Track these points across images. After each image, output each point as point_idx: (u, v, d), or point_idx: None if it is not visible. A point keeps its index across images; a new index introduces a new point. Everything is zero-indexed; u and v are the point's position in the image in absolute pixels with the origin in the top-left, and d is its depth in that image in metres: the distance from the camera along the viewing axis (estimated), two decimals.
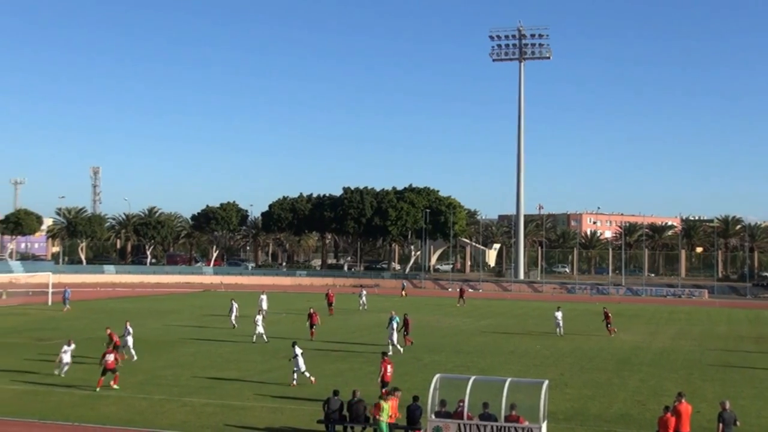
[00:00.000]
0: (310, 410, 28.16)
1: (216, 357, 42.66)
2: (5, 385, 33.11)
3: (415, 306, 76.62)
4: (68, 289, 72.70)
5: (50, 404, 29.45)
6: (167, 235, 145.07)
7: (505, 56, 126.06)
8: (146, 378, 35.38)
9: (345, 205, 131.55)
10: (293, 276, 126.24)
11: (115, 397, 30.89)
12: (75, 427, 26.05)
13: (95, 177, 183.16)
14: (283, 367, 39.27)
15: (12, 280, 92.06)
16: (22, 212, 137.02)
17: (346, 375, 36.95)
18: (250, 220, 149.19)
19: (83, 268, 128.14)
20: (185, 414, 28.23)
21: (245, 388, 33.41)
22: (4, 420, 26.76)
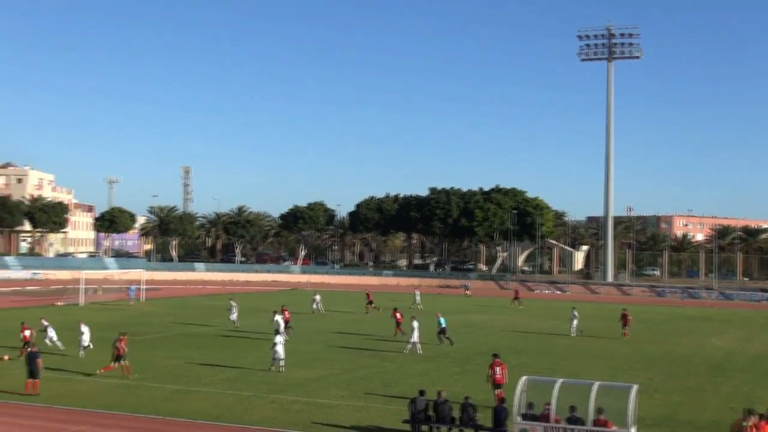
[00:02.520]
0: (395, 410, 28.25)
1: (303, 354, 43.05)
2: (99, 378, 33.95)
3: (489, 307, 76.24)
4: (133, 287, 74.63)
5: (142, 398, 30.13)
6: (256, 234, 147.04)
7: (594, 56, 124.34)
8: (235, 374, 35.92)
9: (431, 206, 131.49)
10: (380, 276, 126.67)
11: (205, 392, 31.45)
12: (166, 421, 26.58)
13: (186, 176, 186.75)
14: (370, 365, 39.52)
15: (107, 277, 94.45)
16: (116, 210, 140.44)
17: (432, 375, 36.95)
18: (338, 220, 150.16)
19: (174, 266, 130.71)
20: (273, 410, 28.58)
21: (332, 386, 33.67)
22: (98, 413, 27.48)
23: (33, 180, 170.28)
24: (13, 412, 27.35)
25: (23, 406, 28.23)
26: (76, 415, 27.12)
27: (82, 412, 27.46)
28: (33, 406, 28.22)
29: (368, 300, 71.60)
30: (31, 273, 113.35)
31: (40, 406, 28.20)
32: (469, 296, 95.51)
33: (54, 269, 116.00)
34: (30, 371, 30.03)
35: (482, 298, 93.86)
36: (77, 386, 32.08)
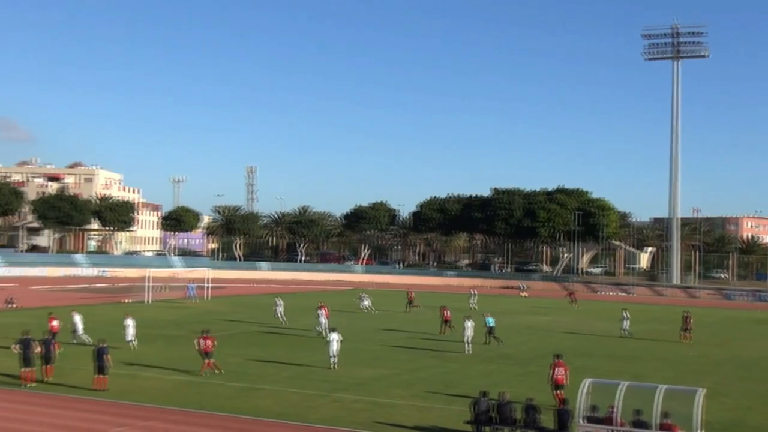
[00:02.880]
0: (458, 410, 28.20)
1: (365, 354, 43.20)
2: (166, 375, 34.50)
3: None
4: (192, 285, 75.64)
5: (207, 395, 30.51)
6: (319, 233, 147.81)
7: (659, 55, 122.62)
8: (298, 372, 36.19)
9: (494, 206, 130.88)
10: (442, 276, 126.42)
11: (268, 390, 31.74)
12: (230, 419, 26.87)
13: (251, 176, 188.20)
14: (432, 366, 39.51)
15: (173, 275, 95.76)
16: (182, 210, 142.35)
17: (494, 376, 36.83)
18: (400, 220, 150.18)
19: (238, 265, 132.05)
20: (336, 409, 28.73)
21: (394, 385, 33.73)
22: (164, 409, 27.91)
23: (101, 179, 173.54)
24: (82, 407, 27.91)
25: (92, 401, 28.77)
26: (143, 411, 27.56)
27: (149, 408, 27.90)
28: (101, 401, 28.75)
29: (409, 299, 72.40)
30: (99, 271, 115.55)
31: (108, 402, 28.71)
32: (525, 297, 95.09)
33: (121, 267, 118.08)
34: (98, 367, 30.60)
35: (538, 299, 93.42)
36: (144, 383, 32.62)
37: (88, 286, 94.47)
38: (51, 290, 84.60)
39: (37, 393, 29.92)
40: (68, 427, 24.93)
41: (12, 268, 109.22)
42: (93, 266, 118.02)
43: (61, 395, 29.70)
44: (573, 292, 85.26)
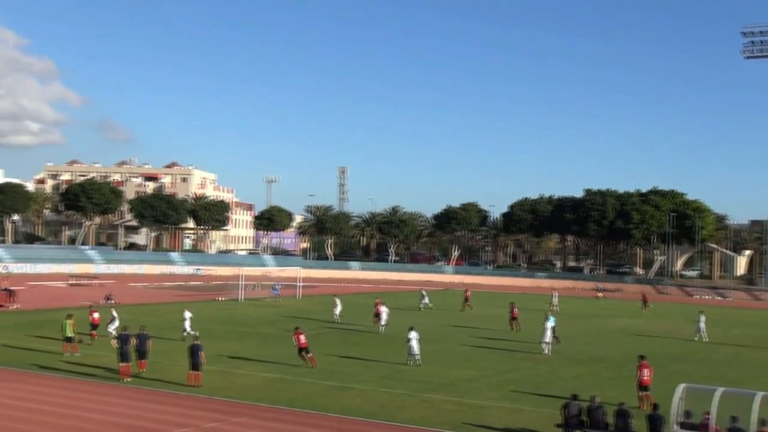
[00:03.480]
0: (548, 413, 27.98)
1: (455, 355, 43.17)
2: (258, 372, 35.01)
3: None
4: (278, 284, 76.43)
5: (298, 393, 30.86)
6: (410, 233, 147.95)
7: (760, 53, 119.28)
8: (389, 372, 36.34)
9: (586, 207, 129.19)
10: (532, 278, 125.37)
11: (359, 389, 31.96)
12: (321, 416, 27.12)
13: (342, 176, 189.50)
14: (522, 367, 39.27)
15: (265, 273, 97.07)
16: (275, 209, 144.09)
17: (586, 379, 36.43)
18: (491, 221, 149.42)
19: (330, 264, 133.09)
20: (425, 410, 28.77)
21: (484, 387, 33.62)
22: (257, 405, 28.33)
23: (197, 179, 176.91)
24: (176, 402, 28.53)
25: (186, 397, 29.38)
26: (236, 407, 28.03)
27: (242, 405, 28.36)
28: (195, 397, 29.32)
29: (465, 298, 72.52)
30: (194, 269, 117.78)
31: (201, 397, 29.28)
32: (602, 299, 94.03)
33: (215, 265, 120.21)
34: (193, 363, 31.22)
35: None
36: (237, 379, 33.16)
37: (183, 283, 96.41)
38: (148, 287, 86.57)
39: (133, 387, 30.68)
40: (162, 421, 25.51)
41: (111, 265, 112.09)
42: (188, 264, 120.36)
43: (156, 390, 30.40)
44: (645, 295, 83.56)
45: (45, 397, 28.35)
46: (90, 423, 24.91)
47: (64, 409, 26.55)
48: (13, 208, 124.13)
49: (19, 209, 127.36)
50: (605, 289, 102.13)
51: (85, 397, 28.66)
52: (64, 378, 32.20)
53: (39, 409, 26.50)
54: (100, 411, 26.63)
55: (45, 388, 29.93)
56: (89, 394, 29.32)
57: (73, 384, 31.07)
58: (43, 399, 27.98)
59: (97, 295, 68.79)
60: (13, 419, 25.01)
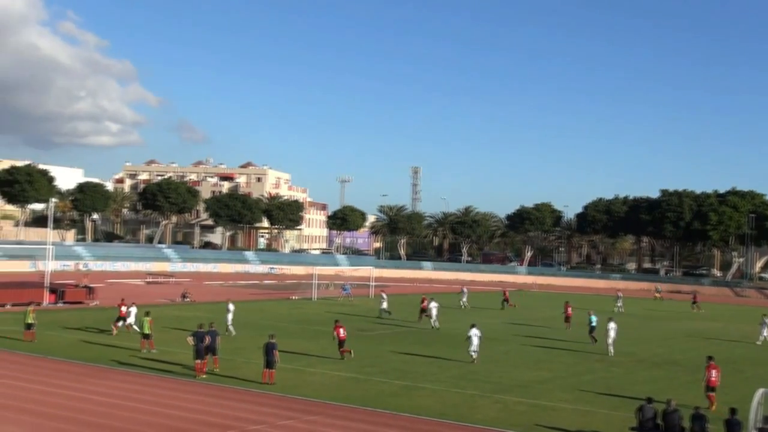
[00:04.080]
0: (622, 416, 27.67)
1: (528, 356, 42.93)
2: (331, 371, 35.23)
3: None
4: (348, 285, 76.61)
5: (370, 392, 31.00)
6: (482, 234, 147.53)
7: None
8: (461, 373, 36.27)
9: (662, 208, 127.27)
10: (607, 279, 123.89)
11: (430, 389, 31.97)
12: (392, 416, 27.19)
13: (415, 176, 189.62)
14: (596, 369, 38.89)
15: (338, 273, 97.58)
16: (348, 209, 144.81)
17: (661, 382, 35.90)
18: (565, 221, 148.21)
19: (402, 264, 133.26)
20: (497, 411, 28.67)
21: (557, 388, 33.38)
22: (329, 404, 28.53)
23: (271, 179, 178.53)
24: (250, 399, 28.86)
25: (260, 394, 29.71)
26: (309, 405, 28.26)
27: (314, 403, 28.58)
28: (268, 395, 29.63)
29: (504, 298, 73.02)
30: (268, 268, 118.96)
31: (275, 395, 29.57)
32: (660, 299, 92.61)
33: (289, 265, 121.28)
34: (267, 361, 31.54)
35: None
36: (310, 378, 33.43)
37: (258, 282, 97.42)
38: (222, 286, 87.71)
39: (208, 384, 31.13)
40: (237, 418, 25.84)
41: (187, 263, 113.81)
42: (262, 263, 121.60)
43: (230, 387, 30.79)
44: (696, 295, 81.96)
45: (123, 392, 28.91)
46: (165, 418, 25.36)
47: (141, 404, 27.06)
48: (92, 207, 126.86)
49: (99, 208, 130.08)
50: (662, 290, 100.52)
51: (162, 393, 29.18)
52: (142, 374, 32.82)
53: (117, 404, 27.05)
54: (176, 407, 27.09)
55: (123, 383, 30.53)
56: (165, 390, 29.85)
57: (150, 380, 31.66)
58: (122, 394, 28.55)
59: (174, 293, 69.94)
60: (94, 414, 25.59)
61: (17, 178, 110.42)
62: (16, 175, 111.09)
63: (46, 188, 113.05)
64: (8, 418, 24.57)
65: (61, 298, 58.96)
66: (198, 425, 24.73)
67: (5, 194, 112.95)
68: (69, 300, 59.38)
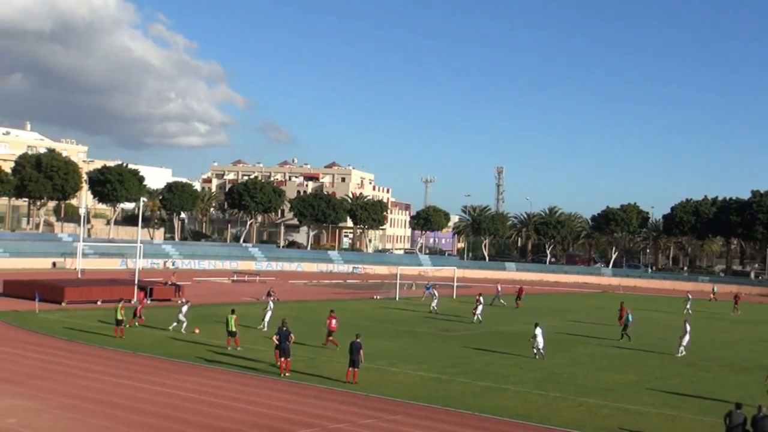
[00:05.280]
0: (710, 422, 27.21)
1: (613, 358, 42.43)
2: (413, 371, 35.30)
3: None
4: (430, 284, 75.82)
5: (453, 392, 31.01)
6: (567, 234, 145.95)
7: None
8: (544, 375, 36.04)
9: (753, 210, 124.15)
10: (695, 281, 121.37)
11: (513, 391, 31.86)
12: (474, 417, 27.18)
13: (499, 177, 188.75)
14: (683, 374, 38.26)
15: (421, 273, 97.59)
16: (431, 209, 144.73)
17: (750, 388, 35.11)
18: (651, 223, 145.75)
19: (486, 264, 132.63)
20: (580, 413, 28.43)
21: (643, 392, 32.94)
22: (411, 404, 28.63)
23: (355, 179, 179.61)
24: (333, 398, 29.12)
25: (343, 393, 29.96)
26: (391, 404, 28.42)
27: (396, 402, 28.73)
28: (351, 394, 29.87)
29: (518, 295, 72.79)
30: (351, 267, 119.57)
31: (358, 394, 29.80)
32: (714, 300, 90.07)
33: (372, 264, 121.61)
34: (351, 360, 31.75)
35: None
36: (392, 377, 33.59)
37: (341, 281, 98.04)
38: (307, 285, 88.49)
39: (292, 382, 31.48)
40: (320, 416, 26.10)
41: (272, 262, 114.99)
42: (346, 263, 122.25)
43: (314, 385, 31.11)
44: (738, 296, 79.24)
45: (209, 389, 29.44)
46: (249, 415, 25.76)
47: (226, 401, 27.51)
48: (180, 207, 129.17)
49: (186, 207, 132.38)
50: (717, 291, 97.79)
51: (246, 390, 29.63)
52: (227, 371, 33.37)
53: (203, 400, 27.57)
54: (259, 404, 27.48)
55: (209, 380, 31.09)
56: (250, 387, 30.31)
57: (235, 377, 32.18)
58: (207, 391, 29.08)
59: (259, 291, 70.84)
60: (181, 409, 26.15)
61: (108, 178, 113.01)
62: (108, 174, 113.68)
63: (136, 188, 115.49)
64: (101, 412, 25.24)
65: (149, 296, 60.17)
66: (281, 422, 25.06)
67: (97, 193, 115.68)
68: (157, 297, 60.56)
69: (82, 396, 27.31)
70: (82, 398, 26.98)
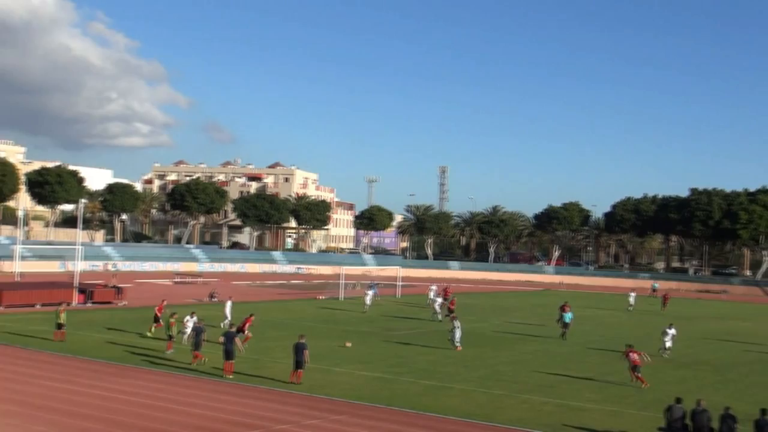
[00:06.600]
0: (650, 416, 27.56)
1: (555, 356, 42.78)
2: (358, 371, 35.24)
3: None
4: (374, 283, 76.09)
5: (397, 392, 31.00)
6: (510, 233, 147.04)
7: None
8: (488, 373, 36.21)
9: (691, 207, 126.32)
10: (635, 278, 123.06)
11: (457, 389, 31.95)
12: (419, 416, 27.19)
13: (443, 176, 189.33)
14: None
15: (365, 273, 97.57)
16: (375, 209, 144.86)
17: (690, 382, 35.69)
18: (593, 221, 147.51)
19: (429, 263, 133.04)
20: (524, 411, 28.61)
21: (584, 388, 33.26)
22: (355, 404, 28.57)
23: (299, 179, 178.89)
24: (277, 399, 28.94)
25: (286, 394, 29.77)
26: (335, 405, 28.31)
27: (341, 403, 28.64)
28: (295, 394, 29.70)
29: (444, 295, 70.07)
30: (295, 267, 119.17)
31: (302, 395, 29.64)
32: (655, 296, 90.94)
33: (316, 264, 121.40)
34: (296, 361, 31.57)
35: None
36: (336, 378, 33.47)
37: (285, 282, 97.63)
38: (250, 286, 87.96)
39: (236, 384, 31.21)
40: (264, 417, 25.92)
41: (214, 264, 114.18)
42: (290, 263, 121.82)
43: (258, 387, 30.89)
44: (667, 295, 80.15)
45: (150, 391, 29.10)
46: (192, 417, 25.48)
47: (168, 404, 27.21)
48: (121, 208, 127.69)
49: (128, 209, 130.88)
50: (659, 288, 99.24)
51: (187, 392, 29.30)
52: (169, 373, 32.98)
53: (144, 403, 27.22)
54: (202, 406, 27.20)
55: (151, 383, 30.71)
56: (191, 389, 29.97)
57: (176, 379, 31.82)
58: (149, 393, 28.73)
59: (201, 293, 70.26)
60: (121, 413, 25.77)
61: (47, 179, 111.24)
62: (47, 176, 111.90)
63: (75, 189, 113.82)
64: (39, 417, 24.78)
65: (90, 299, 59.34)
66: (223, 424, 24.85)
67: (36, 195, 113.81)
68: (98, 300, 59.75)
69: (20, 401, 26.79)
70: (20, 403, 26.46)
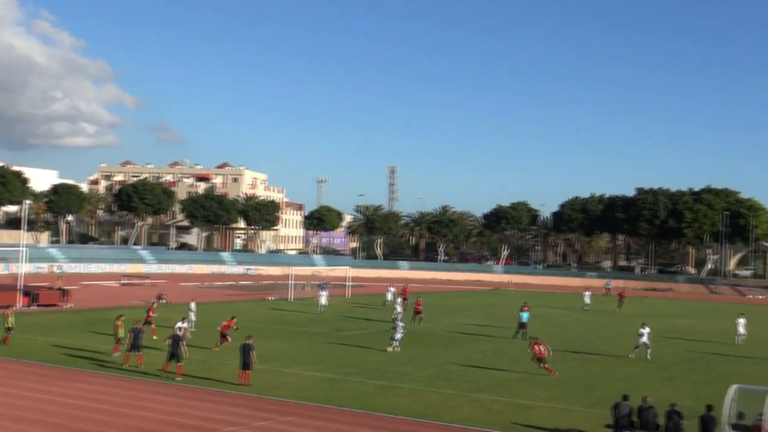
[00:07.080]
0: (598, 414, 27.76)
1: (505, 355, 42.95)
2: (307, 372, 35.09)
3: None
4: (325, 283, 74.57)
5: (347, 392, 30.91)
6: (459, 233, 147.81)
7: None
8: (437, 372, 36.26)
9: (638, 206, 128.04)
10: (583, 277, 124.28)
11: (407, 389, 31.94)
12: (369, 416, 27.13)
13: (392, 176, 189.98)
14: (572, 368, 38.98)
15: (314, 273, 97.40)
16: (324, 209, 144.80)
17: (636, 380, 36.05)
18: (541, 220, 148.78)
19: (379, 263, 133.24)
20: (473, 410, 28.67)
21: (534, 387, 33.43)
22: (305, 404, 28.40)
23: (247, 179, 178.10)
24: (226, 400, 28.68)
25: (235, 395, 29.51)
26: (285, 406, 28.14)
27: (290, 404, 28.46)
28: (244, 396, 29.47)
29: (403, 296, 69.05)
30: (244, 268, 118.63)
31: (251, 396, 29.41)
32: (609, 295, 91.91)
33: (265, 265, 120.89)
34: (244, 362, 31.33)
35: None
36: (286, 378, 33.29)
37: (234, 283, 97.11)
38: (199, 287, 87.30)
39: (182, 386, 30.89)
40: (212, 419, 25.66)
41: (162, 265, 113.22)
42: (238, 264, 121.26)
43: (205, 388, 30.61)
44: (623, 293, 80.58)
45: (93, 394, 28.69)
46: (136, 420, 25.13)
47: (112, 407, 26.81)
48: (67, 209, 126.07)
49: (73, 210, 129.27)
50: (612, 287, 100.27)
51: (134, 395, 28.90)
52: (115, 376, 32.54)
53: (87, 406, 26.84)
54: (148, 408, 26.88)
55: (94, 386, 30.28)
56: (138, 392, 29.59)
57: (123, 382, 31.40)
58: (92, 396, 28.33)
59: (149, 295, 69.55)
60: (63, 416, 25.37)
61: None
62: None
63: (19, 190, 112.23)
64: None
65: (34, 301, 58.39)
66: (170, 427, 24.57)
67: None
68: (43, 303, 58.81)
69: None
70: None
